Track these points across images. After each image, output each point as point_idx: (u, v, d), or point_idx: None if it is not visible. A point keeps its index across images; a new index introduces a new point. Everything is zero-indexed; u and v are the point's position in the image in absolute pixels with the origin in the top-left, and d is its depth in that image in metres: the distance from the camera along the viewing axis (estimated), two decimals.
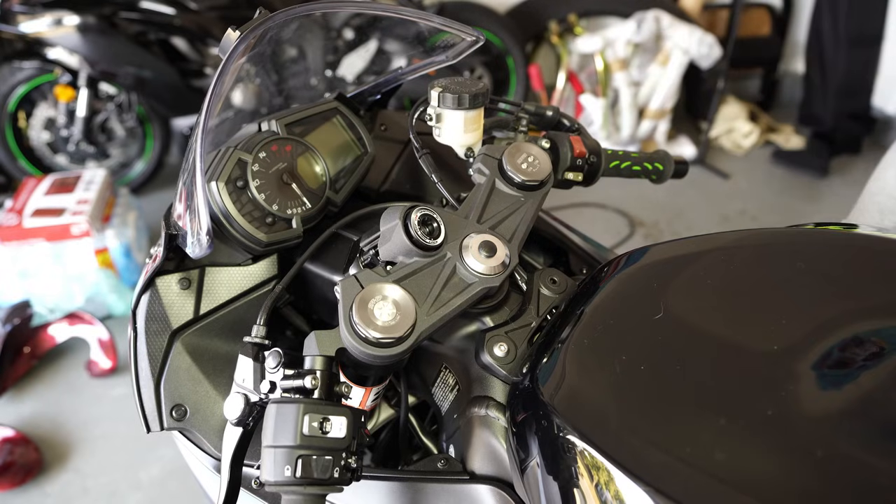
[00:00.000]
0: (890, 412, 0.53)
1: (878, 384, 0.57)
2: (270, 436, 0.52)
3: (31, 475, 1.76)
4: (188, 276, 0.70)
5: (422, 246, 0.61)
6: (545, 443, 0.56)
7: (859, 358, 0.60)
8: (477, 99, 0.75)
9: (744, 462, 0.50)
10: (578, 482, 0.52)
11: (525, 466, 0.59)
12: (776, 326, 0.63)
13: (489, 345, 0.66)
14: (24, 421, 1.93)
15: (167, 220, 0.71)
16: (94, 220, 2.27)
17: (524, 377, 0.64)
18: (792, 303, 0.63)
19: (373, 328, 0.55)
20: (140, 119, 2.93)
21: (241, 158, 0.71)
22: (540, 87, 3.37)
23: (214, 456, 0.68)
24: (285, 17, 0.70)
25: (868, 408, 0.54)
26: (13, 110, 2.79)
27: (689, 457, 0.49)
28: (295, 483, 0.51)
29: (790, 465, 0.49)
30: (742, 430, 0.53)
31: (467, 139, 0.78)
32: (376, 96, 0.91)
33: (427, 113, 0.77)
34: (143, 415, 0.68)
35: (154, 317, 0.69)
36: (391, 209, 0.63)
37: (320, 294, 0.75)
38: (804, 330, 0.64)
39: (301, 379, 0.55)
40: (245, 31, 0.66)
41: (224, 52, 0.65)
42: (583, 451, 0.52)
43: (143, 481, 1.75)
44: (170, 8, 2.72)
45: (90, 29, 2.61)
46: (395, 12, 0.85)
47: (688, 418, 0.56)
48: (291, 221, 0.73)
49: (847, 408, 0.56)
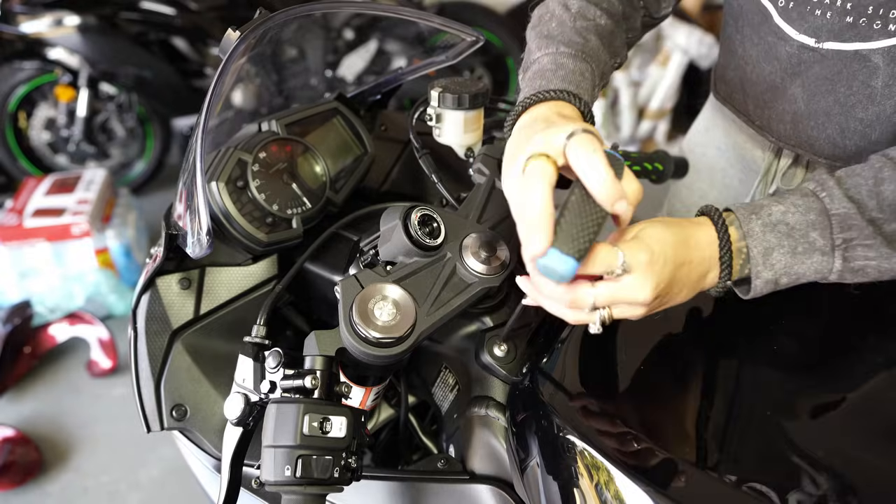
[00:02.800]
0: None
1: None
2: (270, 436, 0.52)
3: (32, 475, 1.76)
4: (188, 276, 0.70)
5: (422, 246, 0.61)
6: (545, 443, 0.56)
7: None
8: (477, 99, 0.75)
9: (742, 462, 0.50)
10: (578, 482, 0.52)
11: (525, 466, 0.59)
12: (775, 332, 0.63)
13: (489, 345, 0.66)
14: (24, 421, 1.93)
15: (167, 220, 0.71)
16: (94, 220, 2.27)
17: (524, 377, 0.64)
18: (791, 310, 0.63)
19: (373, 328, 0.55)
20: (140, 119, 2.93)
21: (241, 158, 0.71)
22: None
23: (214, 456, 0.68)
24: (285, 18, 0.70)
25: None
26: (14, 110, 2.79)
27: (689, 456, 0.49)
28: (295, 483, 0.51)
29: (789, 464, 0.49)
30: (741, 431, 0.53)
31: (467, 139, 0.78)
32: (376, 96, 0.91)
33: (427, 113, 0.77)
34: (143, 414, 0.68)
35: (154, 317, 0.69)
36: (391, 209, 0.63)
37: (320, 294, 0.75)
38: (801, 337, 0.64)
39: (301, 379, 0.55)
40: (245, 31, 0.66)
41: (224, 52, 0.65)
42: (582, 450, 0.52)
43: (144, 481, 1.75)
44: (170, 8, 2.72)
45: (91, 29, 2.61)
46: (395, 13, 0.85)
47: (687, 418, 0.56)
48: (291, 221, 0.73)
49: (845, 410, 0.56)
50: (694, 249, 0.53)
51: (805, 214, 0.55)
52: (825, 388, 0.58)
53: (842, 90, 0.68)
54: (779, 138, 0.79)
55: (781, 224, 0.55)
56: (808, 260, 0.55)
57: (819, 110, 0.71)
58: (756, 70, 0.76)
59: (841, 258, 0.55)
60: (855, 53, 0.64)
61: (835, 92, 0.69)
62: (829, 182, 0.56)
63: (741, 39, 0.77)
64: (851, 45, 0.64)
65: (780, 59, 0.72)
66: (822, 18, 0.65)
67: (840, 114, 0.70)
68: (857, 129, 0.69)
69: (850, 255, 0.55)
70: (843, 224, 0.54)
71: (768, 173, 0.84)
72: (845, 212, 0.54)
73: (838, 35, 0.65)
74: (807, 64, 0.69)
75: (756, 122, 0.81)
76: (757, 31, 0.73)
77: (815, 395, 0.57)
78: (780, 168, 0.82)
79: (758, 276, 0.55)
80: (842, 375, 0.59)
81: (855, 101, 0.68)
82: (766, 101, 0.77)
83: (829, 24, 0.65)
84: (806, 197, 0.56)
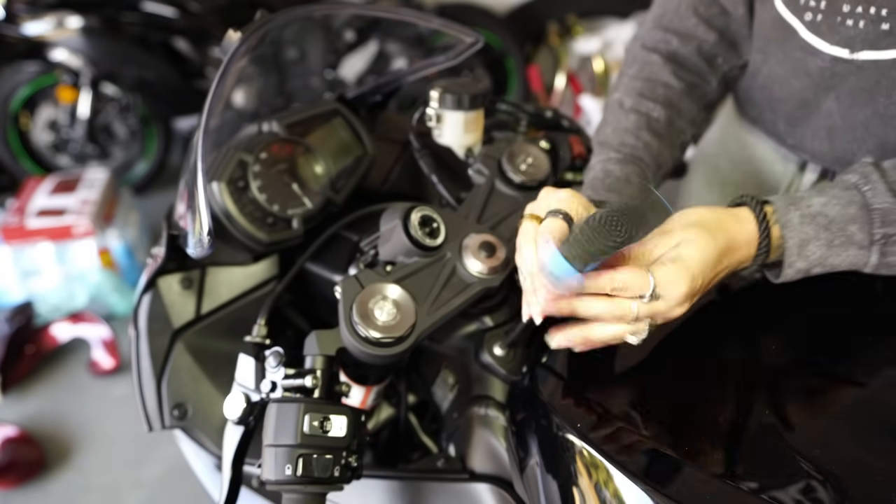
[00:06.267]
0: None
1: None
2: (271, 435, 0.53)
3: (34, 474, 1.76)
4: (189, 276, 0.70)
5: (421, 246, 0.62)
6: (545, 442, 0.56)
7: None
8: (477, 100, 0.75)
9: (742, 461, 0.50)
10: (577, 481, 0.52)
11: (524, 465, 0.59)
12: (774, 335, 0.63)
13: (489, 344, 0.66)
14: (26, 420, 1.93)
15: (169, 220, 0.72)
16: (96, 220, 2.27)
17: (524, 377, 0.64)
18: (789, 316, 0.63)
19: (373, 328, 0.55)
20: (142, 120, 2.93)
21: (242, 159, 0.72)
22: (539, 87, 3.37)
23: (216, 455, 0.68)
24: (286, 19, 0.71)
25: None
26: (16, 111, 2.79)
27: (688, 456, 0.49)
28: (295, 482, 0.52)
29: (789, 464, 0.49)
30: (741, 430, 0.53)
31: (467, 140, 0.78)
32: (377, 97, 0.91)
33: (427, 114, 0.78)
34: (144, 414, 0.68)
35: (156, 316, 0.69)
36: (391, 209, 0.64)
37: (321, 294, 0.75)
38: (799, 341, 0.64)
39: (302, 378, 0.55)
40: (246, 32, 0.66)
41: (225, 53, 0.66)
42: (582, 450, 0.52)
43: (145, 480, 1.76)
44: (171, 10, 2.73)
45: (93, 31, 2.62)
46: (396, 15, 0.85)
47: (687, 418, 0.56)
48: (292, 222, 0.74)
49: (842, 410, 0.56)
50: (735, 253, 0.54)
51: (846, 207, 0.54)
52: (825, 388, 0.58)
53: (881, 100, 0.65)
54: (814, 156, 0.76)
55: (821, 216, 0.54)
56: (844, 252, 0.54)
57: (857, 123, 0.68)
58: (785, 88, 0.73)
59: (878, 253, 0.54)
60: (894, 62, 0.62)
61: (873, 103, 0.66)
62: (874, 175, 0.55)
63: (764, 58, 0.74)
64: (889, 52, 0.61)
65: (812, 73, 0.69)
66: (854, 28, 0.62)
67: (879, 125, 0.67)
68: None
69: (888, 251, 0.54)
70: (885, 219, 0.53)
71: (790, 189, 0.81)
72: (888, 206, 0.53)
73: (874, 44, 0.62)
74: (841, 76, 0.66)
75: (788, 142, 0.78)
76: (782, 48, 0.70)
77: (816, 394, 0.57)
78: (804, 184, 0.79)
79: (790, 266, 0.55)
80: (843, 374, 0.59)
81: (895, 111, 0.65)
82: (798, 119, 0.74)
83: (862, 33, 0.62)
84: (848, 189, 0.55)
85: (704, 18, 0.74)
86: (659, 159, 0.71)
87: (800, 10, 0.66)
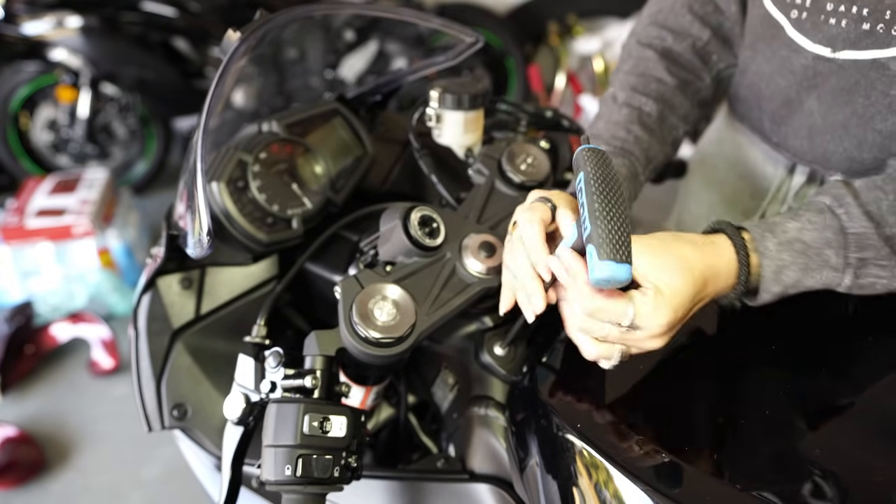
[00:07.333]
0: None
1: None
2: (271, 435, 0.53)
3: (34, 474, 1.76)
4: (189, 276, 0.70)
5: (421, 246, 0.62)
6: (544, 442, 0.56)
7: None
8: (477, 100, 0.75)
9: (741, 462, 0.50)
10: (577, 481, 0.52)
11: (524, 465, 0.59)
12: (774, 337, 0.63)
13: (489, 344, 0.66)
14: (26, 420, 1.93)
15: (168, 220, 0.72)
16: (96, 220, 2.27)
17: (524, 377, 0.64)
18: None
19: (373, 328, 0.55)
20: (141, 120, 2.93)
21: (241, 159, 0.72)
22: (539, 87, 3.37)
23: (215, 455, 0.68)
24: (286, 19, 0.71)
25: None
26: (16, 111, 2.79)
27: (688, 456, 0.49)
28: (295, 482, 0.51)
29: (789, 464, 0.49)
30: (741, 430, 0.53)
31: (467, 140, 0.78)
32: (377, 97, 0.91)
33: (427, 114, 0.78)
34: (144, 414, 0.68)
35: (155, 317, 0.69)
36: (391, 209, 0.64)
37: (321, 294, 0.75)
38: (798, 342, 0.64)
39: (301, 378, 0.55)
40: (246, 32, 0.66)
41: (225, 52, 0.65)
42: (581, 450, 0.52)
43: (145, 480, 1.76)
44: (171, 9, 2.73)
45: (92, 30, 2.62)
46: (396, 14, 0.85)
47: (687, 418, 0.56)
48: (292, 222, 0.74)
49: (845, 410, 0.56)
50: (714, 282, 0.54)
51: (821, 232, 0.54)
52: (825, 389, 0.58)
53: (860, 101, 0.65)
54: (795, 154, 0.77)
55: (797, 241, 0.55)
56: (818, 275, 0.55)
57: (836, 123, 0.68)
58: (771, 86, 0.74)
59: (852, 275, 0.55)
60: (872, 62, 0.62)
61: (852, 103, 0.66)
62: (847, 197, 0.55)
63: (753, 55, 0.74)
64: (869, 52, 0.62)
65: (795, 72, 0.69)
66: (836, 27, 0.62)
67: (858, 126, 0.67)
68: (875, 142, 0.67)
69: (862, 273, 0.55)
70: (860, 244, 0.54)
71: (780, 191, 0.81)
72: (863, 231, 0.54)
73: (854, 43, 0.62)
74: (823, 76, 0.66)
75: (773, 140, 0.79)
76: (770, 45, 0.71)
77: (816, 395, 0.57)
78: (794, 186, 0.79)
79: (766, 291, 0.56)
80: (842, 376, 0.59)
81: (874, 112, 0.65)
82: (782, 117, 0.75)
83: (844, 32, 0.62)
84: (822, 213, 0.55)
85: (699, 16, 0.75)
86: (649, 153, 0.71)
87: (787, 8, 0.66)
